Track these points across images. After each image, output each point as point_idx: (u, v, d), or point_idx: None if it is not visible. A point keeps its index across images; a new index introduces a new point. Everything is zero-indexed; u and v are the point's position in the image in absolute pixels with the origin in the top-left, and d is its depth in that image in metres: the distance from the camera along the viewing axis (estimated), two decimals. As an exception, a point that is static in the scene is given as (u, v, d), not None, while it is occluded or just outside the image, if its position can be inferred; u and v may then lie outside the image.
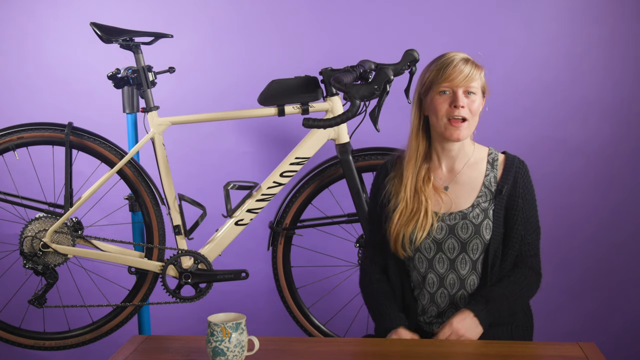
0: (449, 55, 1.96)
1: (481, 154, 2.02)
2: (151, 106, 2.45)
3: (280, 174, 2.47)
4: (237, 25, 2.89)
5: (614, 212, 2.88)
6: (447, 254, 1.96)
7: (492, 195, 1.97)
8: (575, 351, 1.74)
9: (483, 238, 1.94)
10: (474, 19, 2.81)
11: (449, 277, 1.97)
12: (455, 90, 1.92)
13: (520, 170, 1.99)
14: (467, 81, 1.91)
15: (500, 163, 2.01)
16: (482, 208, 1.96)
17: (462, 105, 1.91)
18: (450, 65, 1.92)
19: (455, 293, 1.97)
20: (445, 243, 1.96)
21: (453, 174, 2.01)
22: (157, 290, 2.67)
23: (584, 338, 2.74)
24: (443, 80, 1.92)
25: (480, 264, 1.97)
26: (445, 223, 1.96)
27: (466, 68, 1.92)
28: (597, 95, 2.83)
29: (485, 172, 2.00)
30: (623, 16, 2.78)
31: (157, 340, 1.87)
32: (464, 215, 1.96)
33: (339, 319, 2.85)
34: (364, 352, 1.81)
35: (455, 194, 1.99)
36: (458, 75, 1.91)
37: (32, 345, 2.57)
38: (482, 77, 1.96)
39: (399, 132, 2.75)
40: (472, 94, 1.93)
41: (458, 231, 1.95)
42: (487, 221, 1.95)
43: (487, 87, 1.99)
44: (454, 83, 1.91)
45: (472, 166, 2.00)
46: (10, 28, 2.92)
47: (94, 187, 2.46)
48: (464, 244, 1.95)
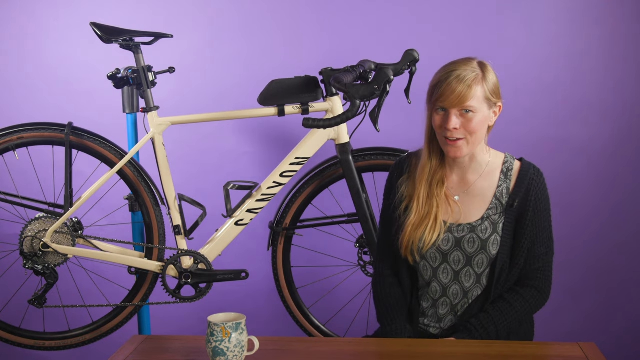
0: (447, 69, 1.86)
1: (496, 163, 1.95)
2: (151, 106, 2.45)
3: (280, 174, 2.47)
4: (237, 25, 2.89)
5: (615, 212, 2.88)
6: (452, 266, 1.93)
7: (502, 208, 1.91)
8: (575, 351, 1.74)
9: (489, 253, 1.90)
10: (474, 19, 2.81)
11: (452, 287, 1.94)
12: (449, 110, 1.84)
13: (534, 181, 1.91)
14: (460, 102, 1.81)
15: (514, 173, 1.93)
16: (491, 221, 1.90)
17: (455, 127, 1.83)
18: (443, 83, 1.83)
19: (458, 303, 1.95)
20: (450, 255, 1.93)
21: (465, 184, 1.95)
22: (157, 290, 2.67)
23: (584, 338, 2.74)
24: (437, 98, 1.85)
25: (486, 277, 1.93)
26: (453, 234, 1.92)
27: (458, 88, 1.81)
28: (597, 95, 2.82)
29: (498, 183, 1.92)
30: (623, 16, 2.78)
31: (157, 340, 1.87)
32: (472, 228, 1.91)
33: (339, 319, 2.85)
34: (364, 352, 1.80)
35: (465, 205, 1.93)
36: (449, 95, 1.81)
37: (32, 345, 2.57)
38: (487, 88, 1.85)
39: (399, 132, 2.76)
40: (469, 112, 1.83)
41: (464, 245, 1.91)
42: (495, 236, 1.90)
43: (498, 94, 1.88)
44: (446, 103, 1.83)
45: (484, 177, 1.94)
46: (10, 28, 2.92)
47: (94, 187, 2.46)
48: (469, 258, 1.92)
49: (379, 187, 2.64)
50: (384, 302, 2.01)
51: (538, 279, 1.94)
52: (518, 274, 1.94)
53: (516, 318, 1.91)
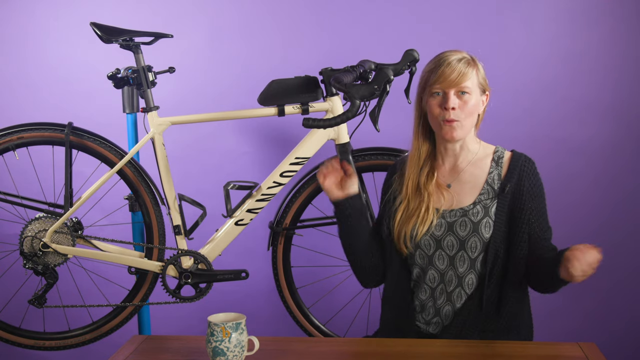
0: (442, 55, 1.95)
1: (486, 152, 2.01)
2: (151, 106, 2.45)
3: (280, 174, 2.47)
4: (237, 25, 2.89)
5: (613, 211, 2.88)
6: (447, 251, 1.96)
7: (494, 193, 1.95)
8: (575, 351, 1.74)
9: (482, 236, 1.93)
10: (474, 19, 2.81)
11: (448, 273, 1.96)
12: (447, 91, 1.91)
13: (525, 168, 1.96)
14: (458, 82, 1.90)
15: (505, 161, 1.99)
16: (483, 205, 1.94)
17: (453, 107, 1.90)
18: (440, 67, 1.91)
19: (453, 290, 1.96)
20: (444, 240, 1.96)
21: (456, 171, 2.00)
22: (157, 290, 2.67)
23: (584, 338, 2.74)
24: (434, 82, 1.92)
25: (480, 263, 1.95)
26: (445, 220, 1.96)
27: (457, 68, 1.90)
28: (597, 95, 2.83)
29: (489, 170, 1.98)
30: (623, 16, 2.78)
31: (157, 340, 1.87)
32: (464, 212, 1.95)
33: (339, 319, 2.85)
34: (364, 352, 1.81)
35: (457, 191, 1.98)
36: (448, 76, 1.90)
37: (32, 345, 2.57)
38: (479, 75, 1.94)
39: (399, 132, 2.76)
40: (465, 94, 1.91)
41: (456, 228, 1.94)
42: (487, 219, 1.93)
43: (487, 84, 1.97)
44: (445, 84, 1.90)
45: (475, 164, 1.99)
46: (10, 28, 2.92)
47: (94, 187, 2.46)
48: (462, 242, 1.94)
49: (379, 187, 2.64)
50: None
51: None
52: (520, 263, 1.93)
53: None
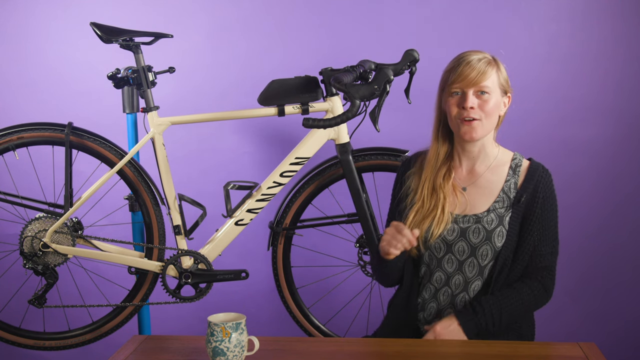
0: (462, 55, 1.93)
1: (504, 158, 1.98)
2: (151, 106, 2.45)
3: (280, 174, 2.47)
4: (237, 25, 2.89)
5: (614, 212, 2.88)
6: (457, 256, 1.94)
7: (509, 202, 1.93)
8: (575, 351, 1.74)
9: (494, 245, 1.91)
10: (474, 18, 2.81)
11: (455, 277, 1.95)
12: (466, 91, 1.89)
13: (542, 179, 1.94)
14: (477, 81, 1.88)
15: (523, 170, 1.96)
16: (497, 214, 1.92)
17: (472, 107, 1.88)
18: (460, 66, 1.90)
19: (457, 294, 1.95)
20: (455, 245, 1.94)
21: (473, 175, 1.98)
22: (157, 290, 2.67)
23: (584, 338, 2.74)
24: (453, 81, 1.90)
25: (488, 270, 1.94)
26: (458, 225, 1.93)
27: (476, 67, 1.88)
28: (597, 95, 2.82)
29: (506, 178, 1.95)
30: (623, 16, 2.78)
31: (157, 340, 1.87)
32: (478, 219, 1.92)
33: (339, 319, 2.85)
34: (364, 352, 1.80)
35: (472, 196, 1.95)
36: (467, 75, 1.88)
37: (32, 345, 2.57)
38: (501, 76, 1.92)
39: (399, 132, 2.77)
40: (485, 94, 1.89)
41: (469, 235, 1.92)
42: (500, 228, 1.91)
43: (509, 85, 1.95)
44: (464, 84, 1.89)
45: (493, 170, 1.97)
46: (10, 28, 2.92)
47: (94, 187, 2.46)
48: (473, 249, 1.92)
49: (379, 187, 2.64)
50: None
51: (544, 277, 1.95)
52: (520, 272, 1.94)
53: (521, 307, 1.91)
